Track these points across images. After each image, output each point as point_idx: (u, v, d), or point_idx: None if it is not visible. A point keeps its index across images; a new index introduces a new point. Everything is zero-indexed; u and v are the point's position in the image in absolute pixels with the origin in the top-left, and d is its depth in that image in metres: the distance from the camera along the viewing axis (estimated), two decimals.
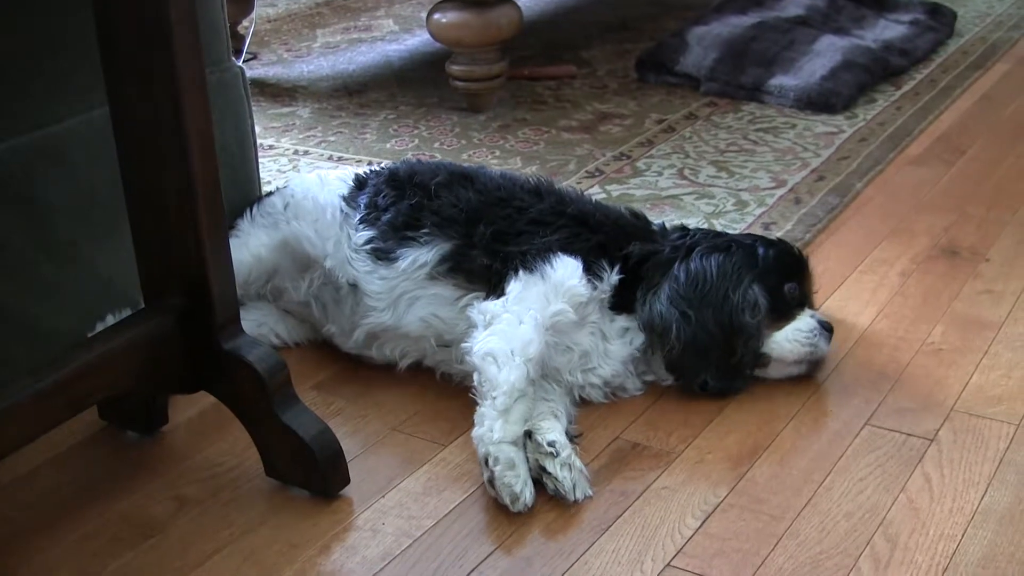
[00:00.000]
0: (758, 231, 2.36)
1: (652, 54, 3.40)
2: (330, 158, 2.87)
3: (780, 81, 3.17)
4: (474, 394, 1.70)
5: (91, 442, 1.79)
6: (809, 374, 1.89)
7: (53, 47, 1.79)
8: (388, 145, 2.94)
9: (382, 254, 1.89)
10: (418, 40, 3.85)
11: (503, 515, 1.60)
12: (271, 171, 2.76)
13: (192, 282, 1.61)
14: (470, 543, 1.55)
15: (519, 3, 3.08)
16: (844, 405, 1.82)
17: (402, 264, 1.87)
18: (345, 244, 1.93)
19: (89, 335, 1.80)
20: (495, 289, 1.81)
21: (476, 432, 1.64)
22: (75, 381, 1.52)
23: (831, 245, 2.34)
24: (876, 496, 1.61)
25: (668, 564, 1.50)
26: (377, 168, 2.07)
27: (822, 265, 2.24)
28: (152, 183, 1.59)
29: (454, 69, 3.09)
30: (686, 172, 2.71)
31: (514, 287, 1.78)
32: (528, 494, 1.61)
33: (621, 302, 1.85)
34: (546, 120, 3.08)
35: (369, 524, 1.59)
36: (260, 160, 2.28)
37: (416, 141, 2.97)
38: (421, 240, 1.88)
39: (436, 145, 2.93)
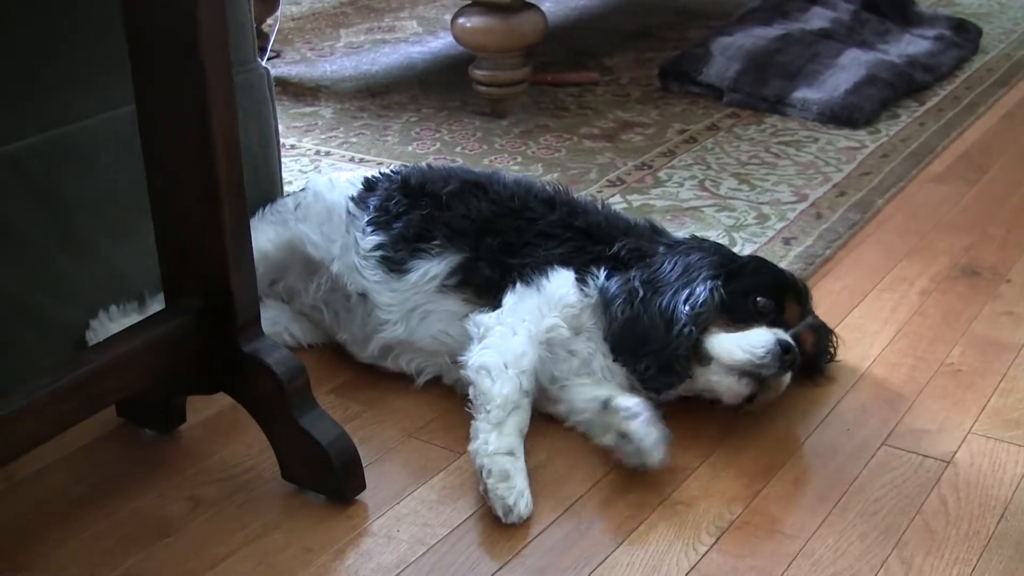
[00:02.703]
0: (778, 245, 2.36)
1: (675, 63, 3.40)
2: (351, 159, 2.87)
3: (803, 94, 3.16)
4: (469, 408, 1.71)
5: (107, 439, 1.79)
6: (751, 400, 1.76)
7: (78, 45, 1.80)
8: (410, 148, 2.94)
9: (393, 264, 1.89)
10: (442, 43, 3.85)
11: (517, 527, 1.59)
12: (292, 171, 2.76)
13: (213, 283, 1.61)
14: (483, 553, 1.55)
15: (544, 9, 3.09)
16: (861, 424, 1.82)
17: (413, 276, 1.87)
18: (352, 249, 1.93)
19: (91, 321, 1.83)
20: (495, 302, 1.81)
21: (471, 446, 1.65)
22: (94, 380, 1.52)
23: (851, 262, 2.33)
24: (891, 517, 1.60)
25: None
26: (388, 172, 2.06)
27: (841, 282, 2.23)
28: (176, 183, 1.59)
29: (477, 73, 3.09)
30: (707, 184, 2.71)
31: (509, 299, 1.79)
32: (523, 505, 1.60)
33: None
34: (568, 127, 3.08)
35: (384, 531, 1.59)
36: (282, 160, 2.28)
37: (438, 144, 2.97)
38: (432, 252, 1.88)
39: (458, 149, 2.93)
